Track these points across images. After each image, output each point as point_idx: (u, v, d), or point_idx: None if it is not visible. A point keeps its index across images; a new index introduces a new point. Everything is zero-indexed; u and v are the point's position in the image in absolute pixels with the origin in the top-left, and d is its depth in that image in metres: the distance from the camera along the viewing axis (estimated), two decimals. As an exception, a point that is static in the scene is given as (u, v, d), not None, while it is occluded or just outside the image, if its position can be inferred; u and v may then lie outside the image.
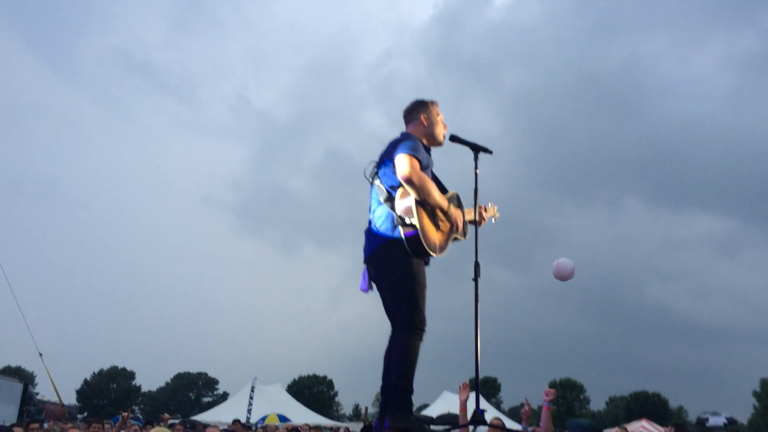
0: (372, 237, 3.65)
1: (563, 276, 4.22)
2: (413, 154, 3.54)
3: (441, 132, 3.96)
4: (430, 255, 3.53)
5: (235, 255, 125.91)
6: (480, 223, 3.98)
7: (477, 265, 3.67)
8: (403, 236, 3.45)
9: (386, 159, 3.71)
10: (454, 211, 3.77)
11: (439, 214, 3.67)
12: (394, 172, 3.58)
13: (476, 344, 3.56)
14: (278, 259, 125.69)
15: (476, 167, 3.89)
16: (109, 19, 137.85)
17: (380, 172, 3.73)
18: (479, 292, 3.64)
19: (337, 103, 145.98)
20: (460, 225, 3.85)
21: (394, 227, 3.50)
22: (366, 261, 3.69)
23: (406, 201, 3.51)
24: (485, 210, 4.14)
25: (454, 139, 3.91)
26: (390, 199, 3.59)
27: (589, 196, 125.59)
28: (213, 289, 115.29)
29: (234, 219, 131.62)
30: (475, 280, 3.65)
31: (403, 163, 3.49)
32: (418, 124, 3.93)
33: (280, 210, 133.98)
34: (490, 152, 3.94)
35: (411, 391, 3.37)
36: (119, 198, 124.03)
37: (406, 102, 4.06)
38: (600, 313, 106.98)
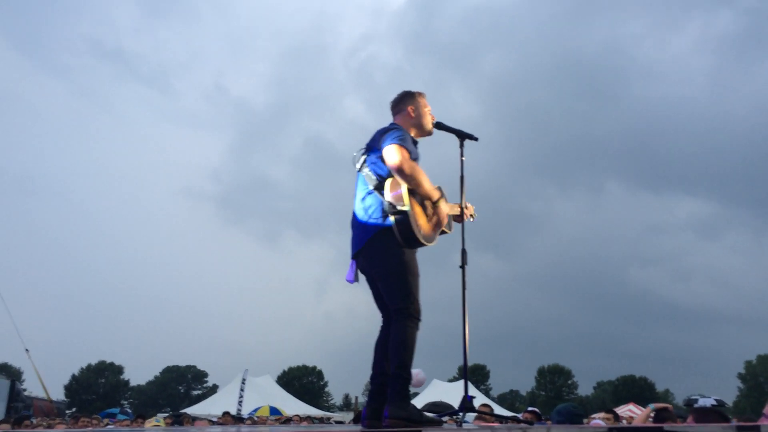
0: (362, 227, 3.61)
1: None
2: (402, 143, 3.52)
3: (429, 123, 3.93)
4: (420, 243, 3.50)
5: (218, 246, 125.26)
6: (461, 219, 3.98)
7: (464, 253, 3.68)
8: (394, 225, 3.43)
9: (374, 148, 3.68)
10: (443, 204, 3.75)
11: (428, 205, 3.65)
12: (384, 162, 3.57)
13: (464, 332, 3.57)
14: (261, 250, 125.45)
15: (462, 154, 3.89)
16: (78, 6, 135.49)
17: (368, 161, 3.70)
18: (466, 279, 3.65)
19: (315, 90, 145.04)
20: (444, 218, 3.84)
21: (385, 216, 3.48)
22: (356, 253, 3.64)
23: (397, 189, 3.48)
24: (467, 207, 4.11)
25: (439, 126, 3.90)
26: (380, 188, 3.56)
27: (572, 181, 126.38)
28: (198, 281, 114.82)
29: (215, 210, 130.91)
30: (462, 267, 3.65)
31: (392, 153, 3.47)
32: (405, 115, 3.90)
33: (261, 200, 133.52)
34: (476, 139, 3.94)
35: (410, 380, 3.36)
36: (97, 189, 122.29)
37: (385, 88, 4.13)
38: (585, 298, 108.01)
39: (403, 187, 3.47)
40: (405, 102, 3.94)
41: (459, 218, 3.99)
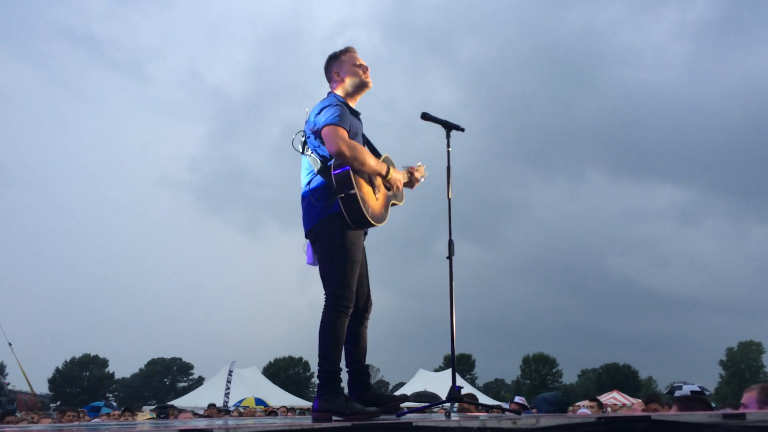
0: (310, 210, 3.52)
1: None
2: (338, 122, 3.41)
3: (360, 77, 3.80)
4: (370, 224, 3.45)
5: (199, 236, 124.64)
6: (412, 185, 3.93)
7: (451, 243, 3.65)
8: (342, 208, 3.35)
9: (311, 128, 3.58)
10: (394, 174, 3.68)
11: (377, 181, 3.59)
12: (321, 142, 3.48)
13: (452, 322, 3.55)
14: (243, 240, 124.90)
15: (448, 145, 3.85)
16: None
17: (310, 143, 3.59)
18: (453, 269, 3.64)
19: (293, 77, 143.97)
20: (401, 186, 3.78)
21: (332, 200, 3.39)
22: (306, 235, 3.58)
23: (341, 171, 3.40)
24: (415, 170, 4.03)
25: (425, 117, 3.85)
26: (325, 170, 3.47)
27: (552, 168, 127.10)
28: (180, 272, 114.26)
29: (195, 199, 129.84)
30: (450, 258, 3.63)
31: (330, 136, 3.37)
32: (333, 80, 3.83)
33: (241, 189, 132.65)
34: (462, 129, 3.91)
35: (336, 372, 3.29)
36: (73, 179, 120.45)
37: None
38: (567, 286, 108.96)
39: (348, 170, 3.38)
40: (330, 68, 3.85)
41: (409, 184, 3.94)
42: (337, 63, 3.83)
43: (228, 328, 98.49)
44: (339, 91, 3.79)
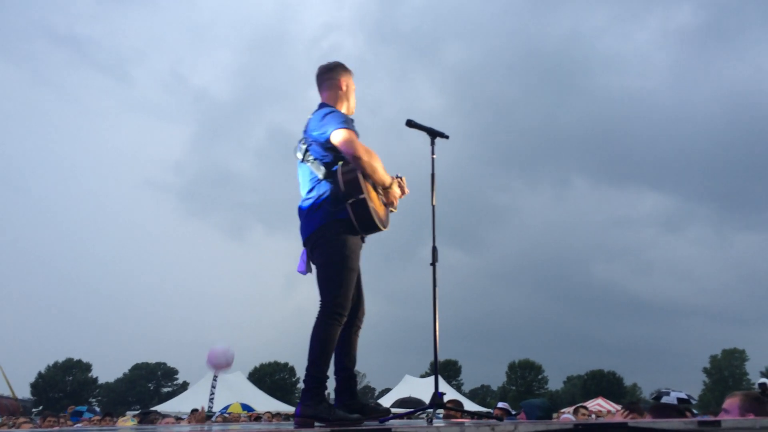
0: (310, 217, 3.51)
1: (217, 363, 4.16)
2: (348, 126, 3.46)
3: (354, 103, 3.88)
4: (378, 229, 3.48)
5: (184, 239, 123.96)
6: (400, 197, 3.95)
7: (435, 250, 3.67)
8: (351, 213, 3.38)
9: (313, 135, 3.58)
10: (395, 187, 3.72)
11: (377, 192, 3.62)
12: (328, 149, 3.50)
13: (435, 329, 3.56)
14: (227, 244, 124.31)
15: (433, 152, 3.87)
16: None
17: (312, 150, 3.60)
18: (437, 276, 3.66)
19: (277, 81, 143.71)
20: (396, 202, 3.80)
21: (338, 206, 3.41)
22: (305, 242, 3.59)
23: (350, 175, 3.42)
24: (401, 182, 3.97)
25: (410, 124, 3.87)
26: (330, 176, 3.49)
27: (537, 174, 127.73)
28: (165, 276, 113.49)
29: (178, 203, 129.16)
30: (433, 264, 3.65)
31: (346, 141, 3.40)
32: (335, 86, 3.84)
33: (226, 192, 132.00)
34: (447, 137, 3.93)
35: (322, 379, 3.28)
36: (56, 181, 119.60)
37: None
38: (552, 292, 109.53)
39: (358, 174, 3.41)
40: (339, 72, 3.88)
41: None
42: (347, 77, 3.89)
43: (213, 332, 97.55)
44: (331, 101, 3.80)
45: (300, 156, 3.68)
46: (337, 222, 3.41)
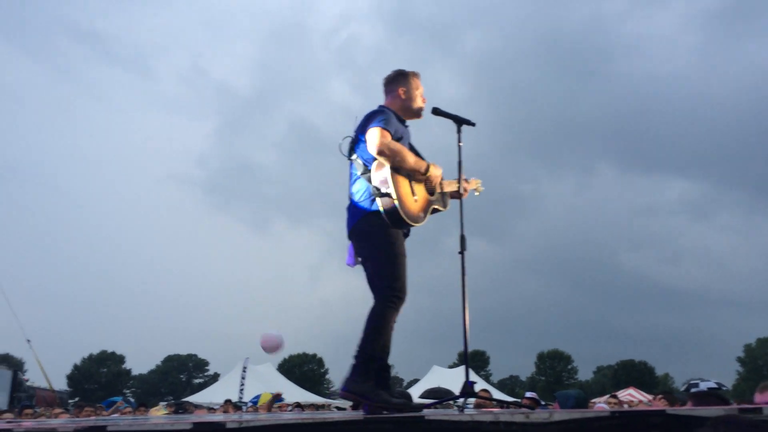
0: (352, 211, 3.66)
1: (271, 345, 4.21)
2: (384, 126, 3.54)
3: (419, 105, 3.92)
4: (407, 224, 3.52)
5: (209, 233, 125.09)
6: (462, 195, 3.94)
7: (463, 239, 3.66)
8: (380, 207, 3.45)
9: (361, 134, 3.70)
10: (434, 170, 3.75)
11: (415, 185, 3.65)
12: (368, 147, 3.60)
13: (464, 318, 3.55)
14: (252, 236, 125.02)
15: (459, 140, 3.86)
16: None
17: (357, 147, 3.73)
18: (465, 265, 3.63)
19: (297, 73, 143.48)
20: (438, 182, 3.83)
21: (372, 200, 3.51)
22: (349, 235, 3.70)
23: (381, 172, 3.51)
24: (467, 182, 4.09)
25: (436, 112, 3.87)
26: (366, 172, 3.60)
27: (561, 162, 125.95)
28: (193, 270, 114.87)
29: (203, 196, 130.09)
30: (462, 253, 3.63)
31: (372, 137, 3.51)
32: (395, 96, 3.90)
33: (248, 185, 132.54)
34: (473, 124, 3.91)
35: (374, 359, 3.35)
36: (83, 176, 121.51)
37: (367, 69, 4.02)
38: (579, 281, 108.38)
39: (387, 169, 3.49)
40: (397, 82, 3.93)
41: (457, 195, 3.94)
42: (405, 81, 3.93)
43: (242, 324, 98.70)
44: (392, 107, 3.87)
45: (348, 153, 3.80)
46: (374, 214, 3.50)
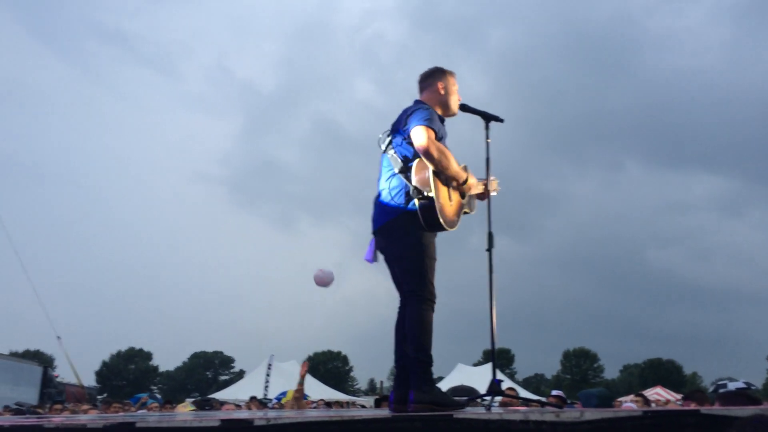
0: (384, 207, 3.60)
1: (324, 281, 4.23)
2: (428, 124, 3.49)
3: (456, 103, 3.87)
4: (443, 228, 3.49)
5: (234, 231, 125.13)
6: (484, 196, 3.92)
7: (491, 236, 3.63)
8: (418, 209, 3.42)
9: (400, 128, 3.65)
10: (471, 182, 3.73)
11: (450, 190, 3.63)
12: (409, 143, 3.55)
13: (491, 316, 3.52)
14: (276, 234, 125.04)
15: (487, 137, 3.83)
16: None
17: (394, 142, 3.67)
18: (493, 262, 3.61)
19: (321, 70, 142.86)
20: (473, 192, 3.81)
21: (409, 199, 3.46)
22: (376, 231, 3.66)
23: (423, 173, 3.46)
24: (489, 183, 4.06)
25: (464, 108, 3.85)
26: (405, 170, 3.54)
27: (587, 158, 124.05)
28: (219, 267, 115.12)
29: (228, 194, 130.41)
30: (489, 250, 3.61)
31: (419, 135, 3.45)
32: (434, 91, 3.84)
33: (273, 184, 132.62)
34: (502, 120, 3.88)
35: (430, 363, 3.33)
36: (109, 176, 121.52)
37: (391, 66, 4.01)
38: (606, 279, 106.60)
39: (429, 171, 3.45)
40: (435, 77, 3.87)
41: (482, 196, 3.92)
42: (444, 78, 3.89)
43: (268, 322, 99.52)
44: (429, 102, 3.82)
45: (383, 147, 3.75)
46: (409, 214, 3.46)
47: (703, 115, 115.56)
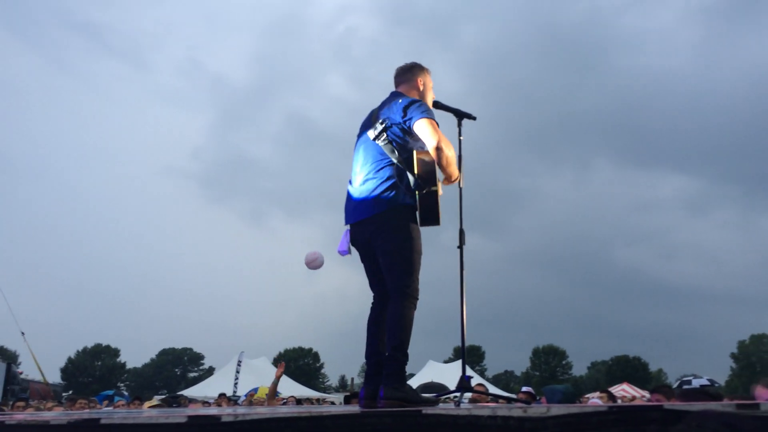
0: (373, 198, 3.44)
1: (311, 263, 4.16)
2: (432, 117, 3.43)
3: (431, 100, 3.84)
4: (436, 224, 3.48)
5: (205, 226, 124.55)
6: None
7: (462, 233, 3.64)
8: (419, 202, 3.40)
9: (392, 117, 3.52)
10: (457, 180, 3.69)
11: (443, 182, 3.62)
12: (406, 134, 3.47)
13: (462, 312, 3.53)
14: (248, 230, 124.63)
15: (460, 134, 3.84)
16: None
17: (389, 132, 3.52)
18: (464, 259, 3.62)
19: (294, 65, 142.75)
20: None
21: (404, 192, 3.40)
22: (356, 223, 3.54)
23: (429, 167, 3.42)
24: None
25: (436, 105, 3.84)
26: (404, 161, 3.47)
27: (558, 157, 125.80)
28: (188, 262, 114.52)
29: (199, 189, 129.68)
30: (461, 247, 3.62)
31: (428, 128, 3.37)
32: (412, 86, 3.78)
33: (245, 178, 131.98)
34: (474, 118, 3.89)
35: (406, 362, 3.30)
36: (78, 168, 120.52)
37: (365, 62, 3.93)
38: (576, 277, 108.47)
39: (434, 165, 3.41)
40: (414, 72, 3.83)
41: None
42: (423, 74, 3.85)
43: (237, 318, 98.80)
44: (409, 96, 3.73)
45: (372, 135, 3.57)
46: (404, 207, 3.40)
47: (671, 116, 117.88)
